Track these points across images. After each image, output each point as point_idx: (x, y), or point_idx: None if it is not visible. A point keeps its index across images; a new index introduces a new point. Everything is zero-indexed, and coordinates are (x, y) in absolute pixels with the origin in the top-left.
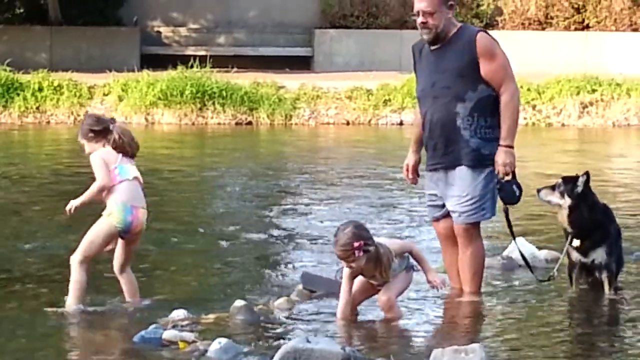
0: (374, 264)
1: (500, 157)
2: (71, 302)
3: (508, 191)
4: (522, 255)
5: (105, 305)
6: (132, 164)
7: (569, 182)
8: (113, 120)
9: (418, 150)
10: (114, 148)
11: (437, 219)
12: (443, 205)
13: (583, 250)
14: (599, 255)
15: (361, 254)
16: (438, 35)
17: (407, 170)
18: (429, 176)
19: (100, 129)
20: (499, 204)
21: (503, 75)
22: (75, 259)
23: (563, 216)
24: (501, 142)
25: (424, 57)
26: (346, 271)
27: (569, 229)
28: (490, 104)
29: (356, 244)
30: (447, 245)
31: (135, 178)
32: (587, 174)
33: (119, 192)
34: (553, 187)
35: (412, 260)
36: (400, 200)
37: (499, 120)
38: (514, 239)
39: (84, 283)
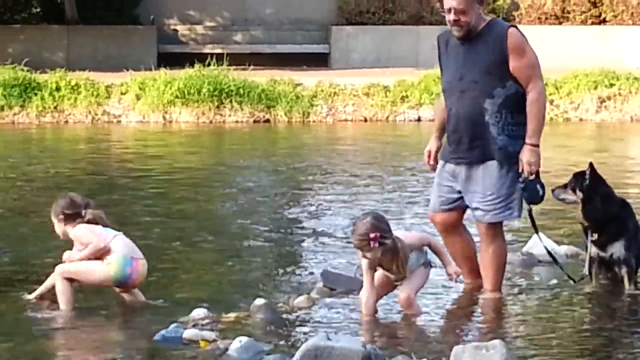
0: (390, 256)
1: (526, 155)
2: (63, 308)
3: (532, 190)
4: (550, 253)
5: (126, 304)
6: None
7: (579, 177)
8: (88, 205)
9: (440, 137)
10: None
11: (442, 211)
12: (456, 200)
13: (600, 243)
14: (617, 249)
15: (377, 245)
16: (469, 31)
17: (429, 156)
18: (448, 168)
19: (72, 213)
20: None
21: (531, 73)
22: (61, 273)
23: (579, 211)
24: (527, 141)
25: (451, 48)
26: (364, 262)
27: (585, 222)
28: (517, 100)
29: (372, 235)
30: (447, 236)
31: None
32: (590, 165)
33: (117, 246)
34: (565, 185)
35: (429, 255)
36: (421, 195)
37: (525, 117)
38: (540, 238)
39: (71, 290)
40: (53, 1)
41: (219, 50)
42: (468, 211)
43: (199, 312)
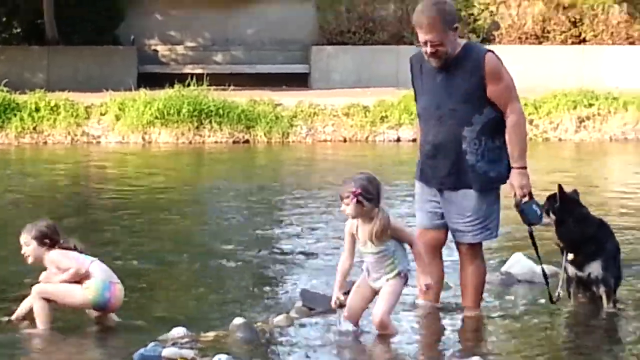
0: (365, 219)
1: (516, 180)
2: (40, 327)
3: (530, 212)
4: (544, 274)
5: (103, 324)
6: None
7: (551, 199)
8: (63, 233)
9: None
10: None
11: (433, 227)
12: (443, 215)
13: (578, 263)
14: (595, 269)
15: (354, 200)
16: (447, 59)
17: None
18: (427, 189)
19: (53, 241)
20: (520, 223)
21: (509, 96)
22: (38, 292)
23: (556, 232)
24: (514, 165)
25: (426, 72)
26: (346, 225)
27: (560, 243)
28: (496, 125)
29: (354, 190)
30: (431, 256)
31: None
32: (559, 187)
33: (95, 271)
34: (543, 206)
35: (408, 265)
36: (403, 214)
37: (503, 140)
38: (540, 259)
39: (48, 310)
40: (34, 22)
41: (199, 71)
42: None
43: (178, 331)
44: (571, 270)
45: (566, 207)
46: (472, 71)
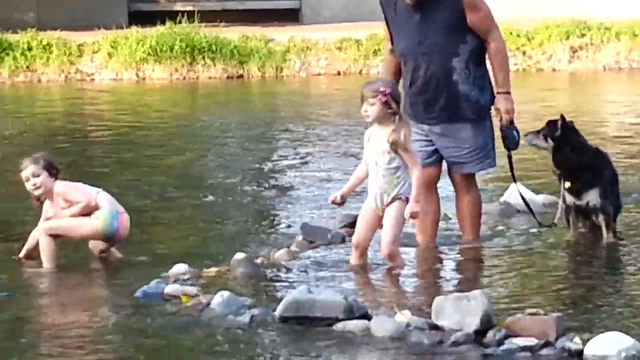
0: (384, 125)
1: (502, 104)
2: (46, 266)
3: (510, 137)
4: (523, 199)
5: (105, 262)
6: None
7: (551, 125)
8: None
9: None
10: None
11: (425, 165)
12: (434, 152)
13: (575, 191)
14: (593, 197)
15: (383, 99)
16: None
17: None
18: (418, 128)
19: (58, 169)
20: (501, 149)
21: (489, 24)
22: (45, 229)
23: (552, 159)
24: (499, 90)
25: (400, 11)
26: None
27: (557, 170)
28: (479, 53)
29: (383, 89)
30: (428, 194)
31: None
32: (562, 117)
33: (102, 201)
34: (538, 131)
35: (409, 190)
36: None
37: (486, 68)
38: (516, 184)
39: (54, 247)
40: None
41: (189, 8)
42: None
43: (179, 268)
44: (569, 198)
45: (566, 135)
46: (450, 4)
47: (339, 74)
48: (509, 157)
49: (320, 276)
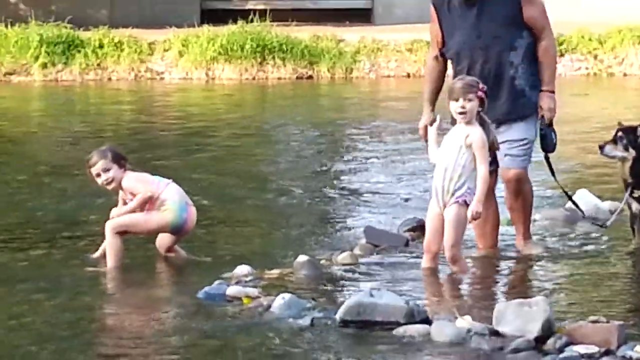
0: (470, 122)
1: (546, 102)
2: (111, 264)
3: (550, 138)
4: (570, 199)
5: (169, 261)
6: None
7: (630, 133)
8: None
9: (434, 107)
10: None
11: None
12: (491, 160)
13: None
14: None
15: (481, 95)
16: None
17: (425, 132)
18: None
19: (126, 162)
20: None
21: (544, 21)
22: (111, 228)
23: (625, 167)
24: (544, 88)
25: (454, 10)
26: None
27: (630, 179)
28: (533, 50)
29: (481, 85)
30: (487, 202)
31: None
32: None
33: (170, 193)
34: (615, 141)
35: (473, 192)
36: None
37: (537, 66)
38: (555, 178)
39: (120, 247)
40: None
41: (261, 7)
42: None
43: (242, 269)
44: (635, 206)
45: None
46: None
47: (408, 76)
48: (547, 159)
49: (382, 280)
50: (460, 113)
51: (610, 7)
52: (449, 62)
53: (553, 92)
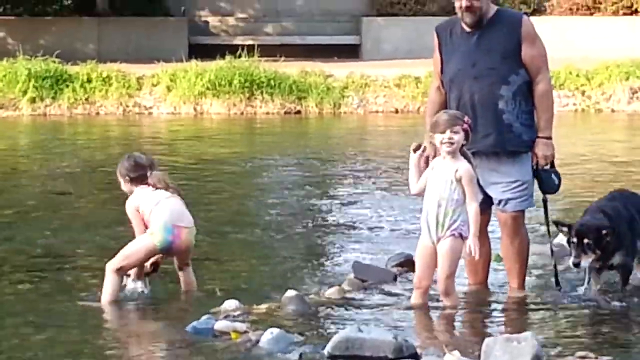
0: (455, 155)
1: (541, 149)
2: (104, 300)
3: (548, 180)
4: (551, 249)
5: (158, 295)
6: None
7: (592, 234)
8: (152, 165)
9: None
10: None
11: None
12: (484, 199)
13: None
14: (618, 258)
15: (466, 127)
16: (481, 17)
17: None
18: None
19: (137, 176)
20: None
21: (542, 63)
22: (109, 266)
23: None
24: (540, 134)
25: (456, 38)
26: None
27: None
28: (528, 89)
29: (466, 118)
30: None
31: (172, 196)
32: (610, 229)
33: (157, 213)
34: (583, 250)
35: (465, 226)
36: None
37: (533, 107)
38: (549, 229)
39: (117, 285)
40: None
41: (249, 42)
42: None
43: (230, 304)
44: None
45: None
46: (509, 31)
47: (396, 111)
48: (544, 202)
49: (370, 315)
50: (448, 145)
51: (598, 44)
52: None
53: (549, 138)
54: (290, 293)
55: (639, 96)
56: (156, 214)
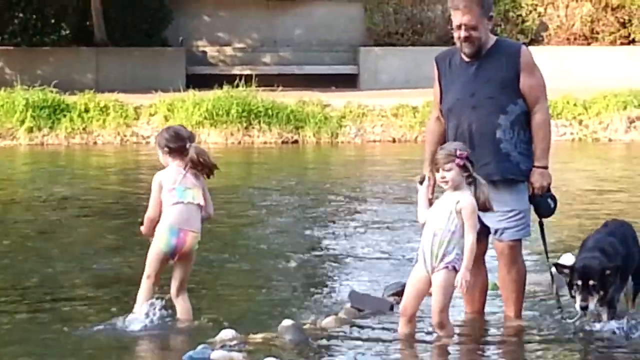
0: (456, 188)
1: (537, 179)
2: (136, 306)
3: (544, 204)
4: (551, 273)
5: (155, 324)
6: (198, 187)
7: (596, 275)
8: (192, 137)
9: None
10: (191, 167)
11: None
12: (481, 228)
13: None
14: (608, 295)
15: (460, 163)
16: (480, 48)
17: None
18: None
19: (176, 147)
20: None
21: (540, 93)
22: (145, 274)
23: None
24: (537, 163)
25: (455, 67)
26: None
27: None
28: (526, 119)
29: (460, 153)
30: (476, 268)
31: (192, 203)
32: (610, 268)
33: (169, 214)
34: (589, 292)
35: (460, 258)
36: None
37: (530, 136)
38: (547, 255)
39: (148, 292)
40: (82, 23)
41: (247, 72)
42: None
43: (226, 333)
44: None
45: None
46: (507, 61)
47: (394, 141)
48: (541, 226)
49: (367, 344)
50: (444, 183)
51: (595, 73)
52: None
53: (546, 167)
54: (287, 322)
55: (636, 125)
56: (165, 215)
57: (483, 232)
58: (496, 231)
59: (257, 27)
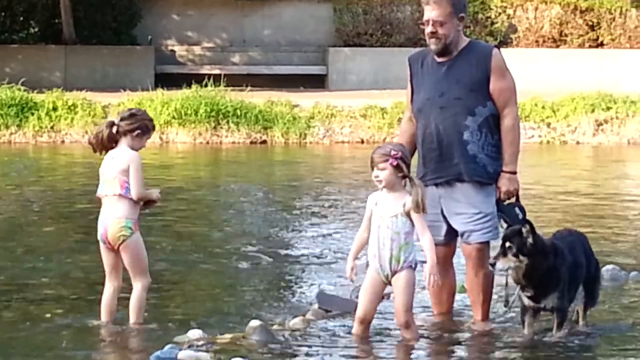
0: (393, 189)
1: (505, 184)
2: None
3: (511, 214)
4: (506, 282)
5: (123, 325)
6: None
7: (515, 237)
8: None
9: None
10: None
11: (438, 244)
12: (447, 231)
13: (536, 297)
14: (551, 301)
15: (394, 163)
16: (447, 46)
17: None
18: (429, 193)
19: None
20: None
21: (510, 97)
22: None
23: (519, 274)
24: (505, 168)
25: (427, 67)
26: (370, 198)
27: (524, 283)
28: (495, 122)
29: (394, 153)
30: (443, 271)
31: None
32: (529, 223)
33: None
34: (504, 252)
35: (416, 256)
36: None
37: (499, 140)
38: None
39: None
40: (51, 21)
41: (216, 71)
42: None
43: (194, 333)
44: (527, 301)
45: (537, 244)
46: (478, 63)
47: (362, 142)
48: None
49: (334, 345)
50: (378, 182)
51: (563, 76)
52: None
53: (514, 172)
54: (255, 323)
55: (604, 128)
56: None
57: (450, 234)
58: (463, 234)
59: (226, 26)
